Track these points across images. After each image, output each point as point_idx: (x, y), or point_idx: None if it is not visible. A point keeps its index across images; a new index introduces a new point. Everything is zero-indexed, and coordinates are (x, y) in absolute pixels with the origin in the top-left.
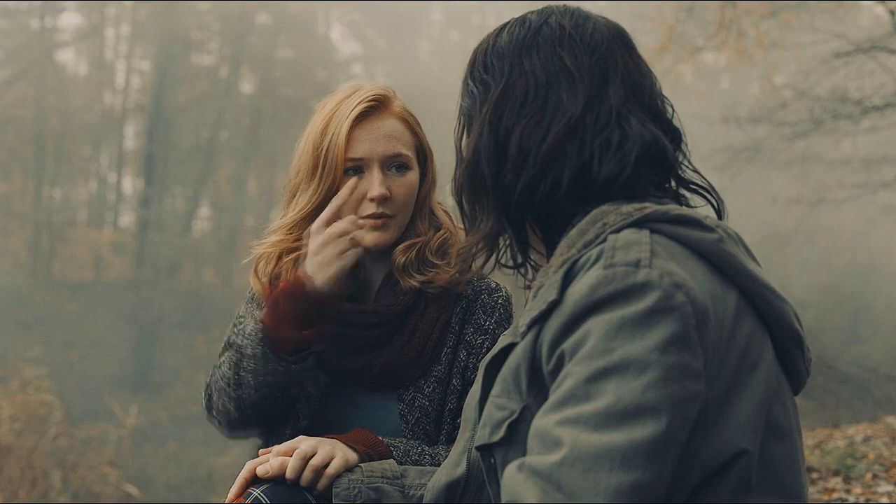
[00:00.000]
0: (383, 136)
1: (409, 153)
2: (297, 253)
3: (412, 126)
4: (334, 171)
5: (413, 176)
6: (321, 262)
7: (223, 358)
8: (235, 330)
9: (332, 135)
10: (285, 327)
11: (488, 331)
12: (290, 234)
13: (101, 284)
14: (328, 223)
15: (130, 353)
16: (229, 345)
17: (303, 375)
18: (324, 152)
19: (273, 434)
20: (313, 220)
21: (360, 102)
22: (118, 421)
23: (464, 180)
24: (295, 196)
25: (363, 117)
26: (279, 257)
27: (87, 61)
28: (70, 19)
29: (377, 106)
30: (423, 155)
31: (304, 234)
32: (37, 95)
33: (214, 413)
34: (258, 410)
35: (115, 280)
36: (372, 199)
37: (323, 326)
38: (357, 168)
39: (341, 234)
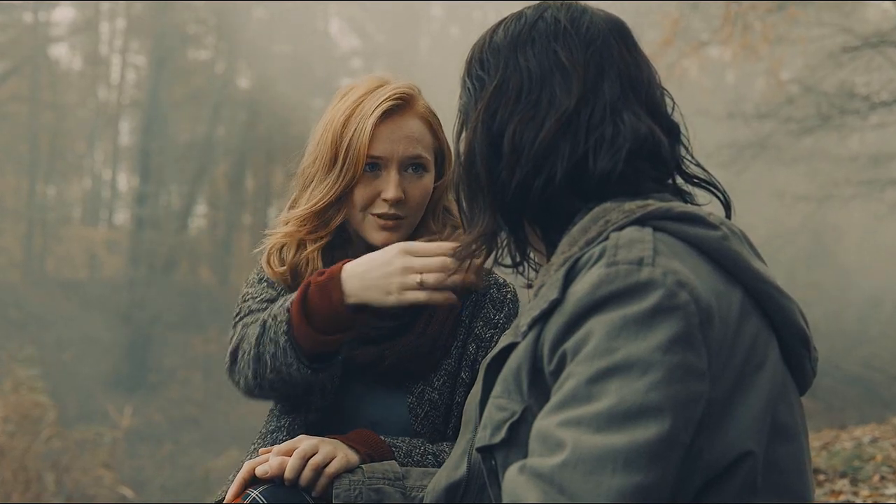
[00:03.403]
0: (404, 137)
1: (427, 155)
2: (322, 243)
3: (434, 127)
4: (354, 167)
5: (429, 179)
6: (383, 287)
7: (249, 320)
8: (256, 308)
9: (356, 130)
10: (309, 325)
11: (498, 325)
12: (303, 226)
13: (95, 283)
14: (414, 253)
15: (125, 353)
16: (244, 319)
17: (315, 383)
18: (345, 147)
19: (292, 412)
20: (328, 213)
21: (385, 100)
22: (113, 422)
23: (460, 178)
24: (309, 186)
25: (387, 115)
26: (299, 246)
27: (81, 56)
28: (64, 14)
29: (402, 105)
30: (442, 156)
31: (387, 247)
32: (30, 91)
33: (236, 371)
34: (273, 387)
35: (109, 279)
36: (386, 201)
37: (346, 336)
38: (374, 165)
39: (419, 272)
